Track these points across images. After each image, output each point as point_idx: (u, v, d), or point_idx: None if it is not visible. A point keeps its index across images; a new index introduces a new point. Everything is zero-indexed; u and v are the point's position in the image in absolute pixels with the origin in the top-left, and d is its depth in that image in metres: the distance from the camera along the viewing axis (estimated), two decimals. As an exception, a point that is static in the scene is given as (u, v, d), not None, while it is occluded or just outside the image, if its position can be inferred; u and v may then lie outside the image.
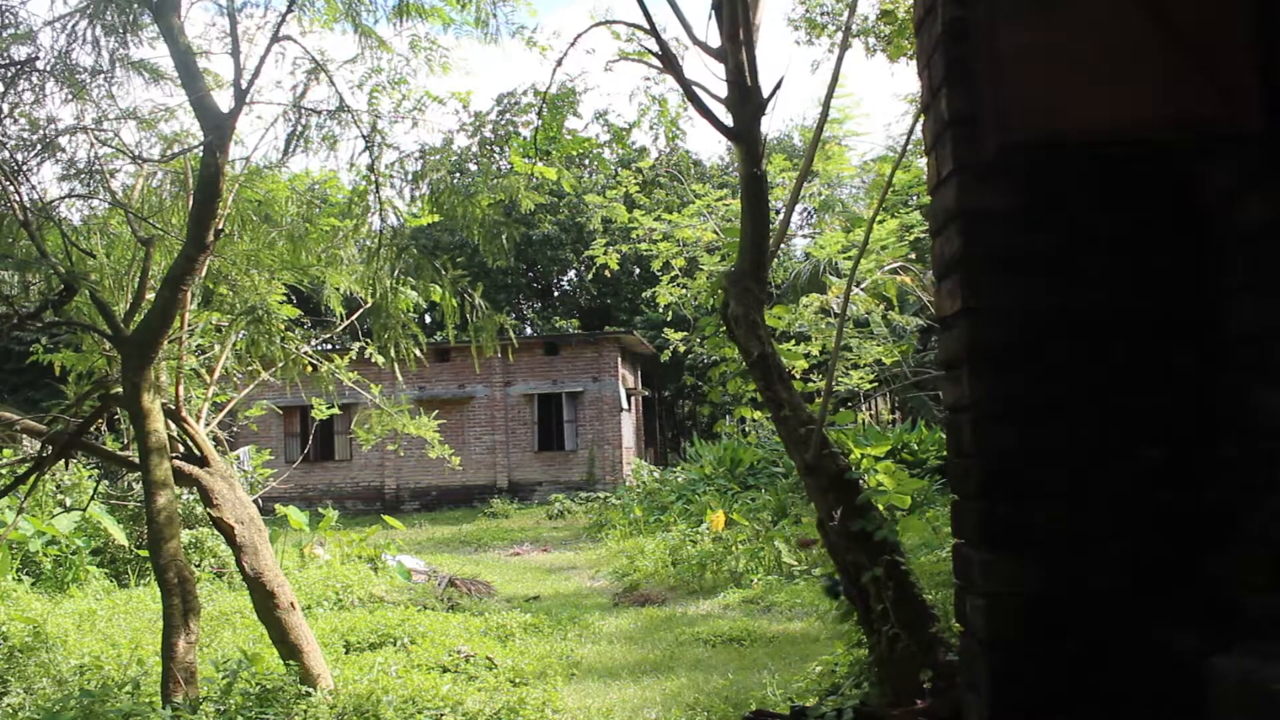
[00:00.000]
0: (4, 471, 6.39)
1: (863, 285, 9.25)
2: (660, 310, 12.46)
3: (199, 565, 10.40)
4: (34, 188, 5.60)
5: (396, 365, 6.29)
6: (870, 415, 25.99)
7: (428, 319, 27.25)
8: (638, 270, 28.88)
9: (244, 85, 5.16)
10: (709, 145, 54.60)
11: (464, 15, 6.20)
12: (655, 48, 5.04)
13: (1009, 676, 2.10)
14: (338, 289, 7.10)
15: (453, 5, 6.17)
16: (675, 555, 11.97)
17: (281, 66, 10.73)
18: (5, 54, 5.28)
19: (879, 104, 51.84)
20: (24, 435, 6.05)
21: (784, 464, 15.99)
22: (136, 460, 5.40)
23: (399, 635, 7.55)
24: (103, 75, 5.41)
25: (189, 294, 5.67)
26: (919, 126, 3.30)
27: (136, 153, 6.09)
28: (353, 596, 9.52)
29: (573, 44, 5.50)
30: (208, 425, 6.34)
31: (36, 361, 7.66)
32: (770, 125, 36.15)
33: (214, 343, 6.94)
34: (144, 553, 9.83)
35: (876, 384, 15.56)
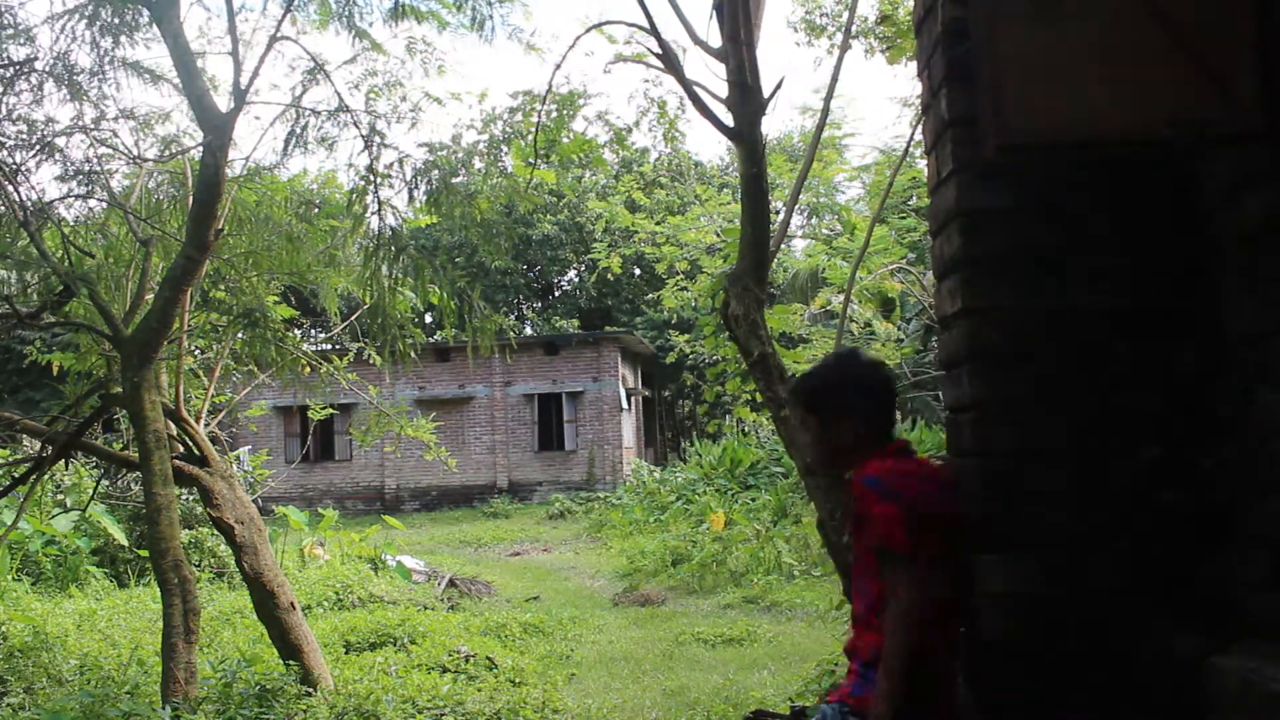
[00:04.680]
0: (3, 471, 6.39)
1: (862, 285, 9.24)
2: (666, 313, 12.53)
3: (199, 565, 10.38)
4: (33, 188, 5.61)
5: (391, 366, 6.28)
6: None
7: (428, 319, 27.23)
8: (638, 270, 28.85)
9: (243, 85, 5.16)
10: (709, 145, 54.59)
11: (459, 18, 6.21)
12: (655, 48, 5.04)
13: (1009, 676, 2.10)
14: (335, 290, 7.11)
15: (448, 7, 6.18)
16: (675, 555, 11.97)
17: (278, 68, 10.76)
18: (3, 54, 5.28)
19: (878, 106, 51.88)
20: (24, 435, 6.05)
21: (784, 464, 15.98)
22: (136, 460, 5.40)
23: (399, 635, 7.53)
24: (100, 76, 5.42)
25: (189, 294, 5.67)
26: (919, 129, 3.31)
27: (135, 153, 6.09)
28: (353, 596, 9.51)
29: (572, 45, 5.50)
30: (207, 425, 6.34)
31: (36, 361, 7.66)
32: (771, 124, 36.02)
33: (212, 343, 6.94)
34: (144, 553, 9.81)
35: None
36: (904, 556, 2.06)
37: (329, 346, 12.26)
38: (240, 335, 6.35)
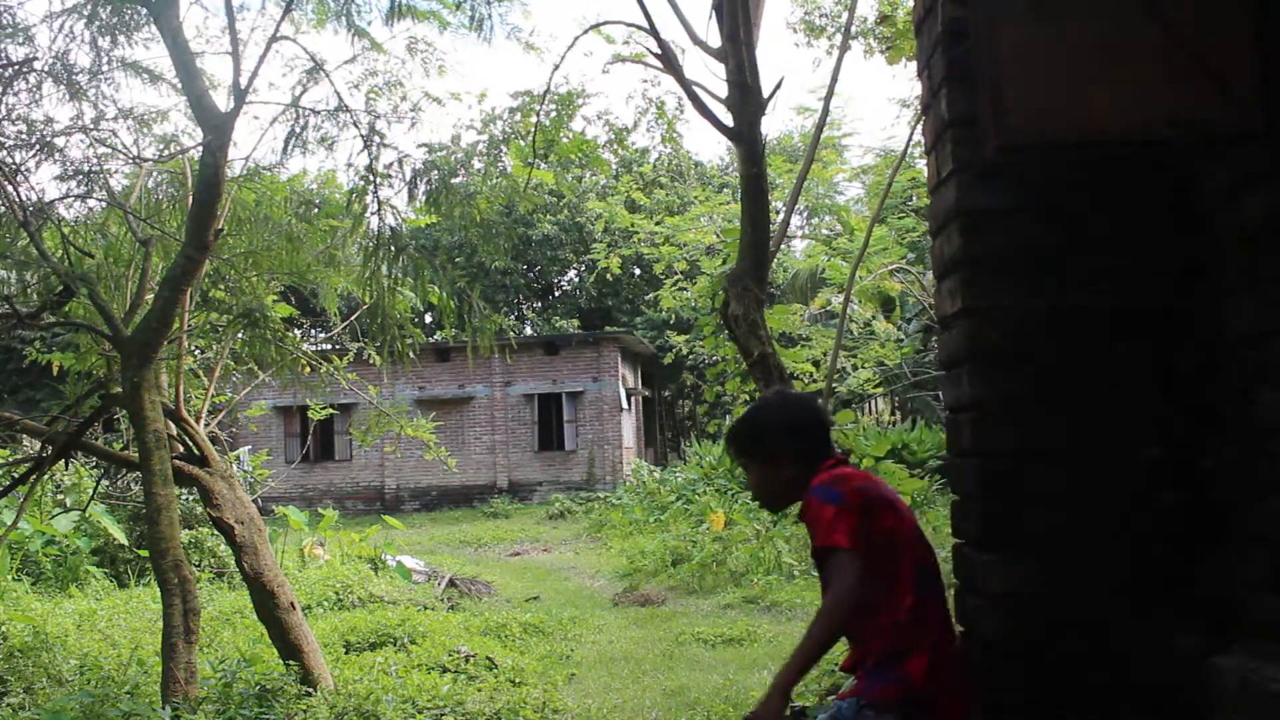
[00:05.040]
0: (3, 471, 6.39)
1: (862, 285, 9.24)
2: (665, 313, 12.50)
3: (199, 565, 10.38)
4: (33, 188, 5.60)
5: (391, 366, 6.28)
6: (872, 416, 26.00)
7: (428, 319, 27.24)
8: (638, 270, 28.87)
9: (243, 85, 5.16)
10: (709, 145, 54.61)
11: (458, 18, 6.22)
12: (655, 48, 5.04)
13: (1009, 676, 2.10)
14: (335, 290, 7.11)
15: (447, 7, 6.18)
16: (675, 555, 11.97)
17: (276, 67, 10.76)
18: (3, 54, 5.28)
19: (878, 106, 51.89)
20: (24, 435, 6.05)
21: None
22: (136, 460, 5.39)
23: (399, 635, 7.53)
24: (99, 75, 5.41)
25: (189, 294, 5.67)
26: (919, 129, 3.31)
27: (135, 153, 6.09)
28: (353, 596, 9.51)
29: (571, 45, 5.51)
30: (207, 425, 6.34)
31: (36, 361, 7.66)
32: (771, 125, 35.98)
33: (212, 343, 6.94)
34: (144, 553, 9.82)
35: (880, 384, 15.59)
36: (846, 550, 2.10)
37: (329, 346, 12.26)
38: (240, 335, 6.35)
